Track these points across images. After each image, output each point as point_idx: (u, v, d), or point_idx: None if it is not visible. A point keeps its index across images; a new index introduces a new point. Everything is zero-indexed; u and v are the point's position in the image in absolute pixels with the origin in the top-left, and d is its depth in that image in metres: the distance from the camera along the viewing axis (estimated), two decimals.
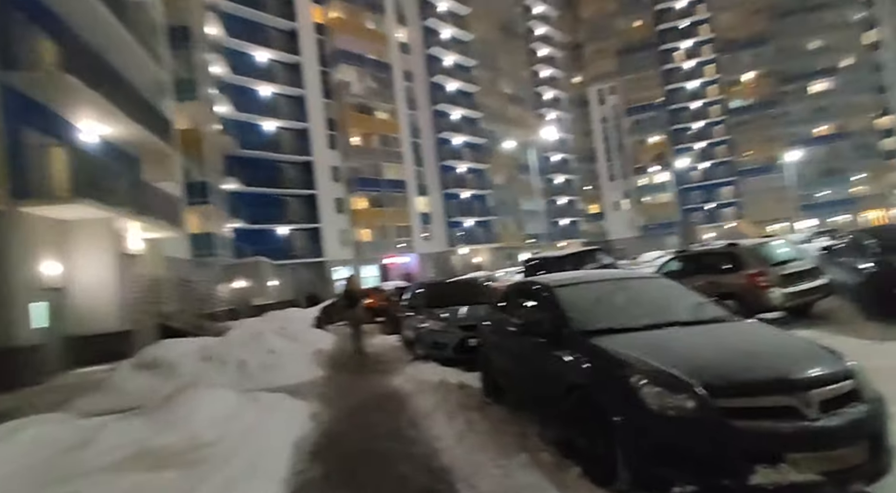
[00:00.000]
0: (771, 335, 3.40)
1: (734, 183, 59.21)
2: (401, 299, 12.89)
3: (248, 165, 31.33)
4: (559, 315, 3.68)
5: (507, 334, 4.51)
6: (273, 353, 7.63)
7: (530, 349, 3.92)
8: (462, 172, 44.88)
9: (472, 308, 7.26)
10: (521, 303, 4.64)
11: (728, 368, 2.81)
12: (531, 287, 4.57)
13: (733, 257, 7.22)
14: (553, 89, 58.16)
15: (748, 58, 58.73)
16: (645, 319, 3.51)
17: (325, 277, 34.71)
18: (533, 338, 3.85)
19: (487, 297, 7.93)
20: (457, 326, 6.86)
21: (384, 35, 40.25)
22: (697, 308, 3.77)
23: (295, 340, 9.27)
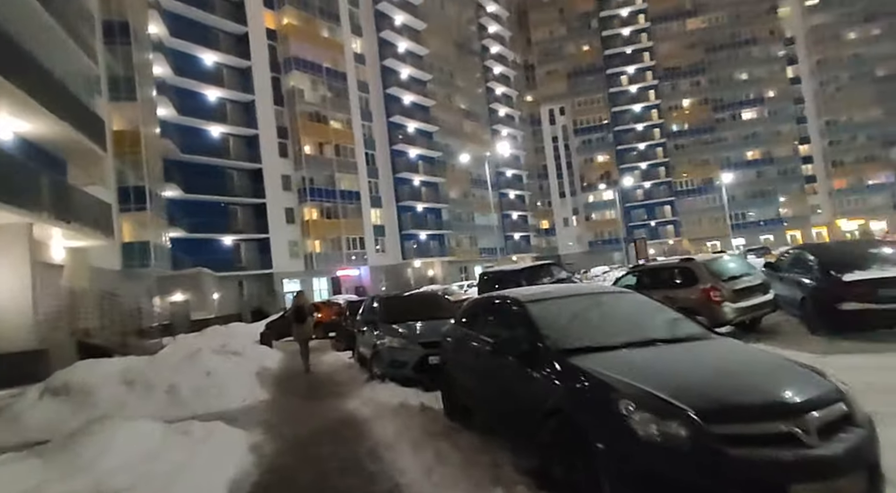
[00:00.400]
0: (753, 355, 3.25)
1: (673, 202, 62.41)
2: (354, 313, 12.30)
3: (191, 171, 29.66)
4: (533, 333, 3.41)
5: (474, 352, 4.18)
6: (210, 374, 6.76)
7: (502, 369, 3.60)
8: (417, 184, 44.65)
9: (433, 324, 6.84)
10: (488, 319, 4.34)
11: (719, 391, 2.60)
12: (499, 302, 4.26)
13: (688, 272, 7.28)
14: (506, 107, 59.38)
15: (686, 85, 62.55)
16: (623, 336, 3.30)
17: (272, 290, 33.22)
18: (504, 357, 3.54)
19: (448, 311, 7.55)
20: (417, 342, 6.38)
21: (339, 44, 39.69)
22: (673, 325, 3.60)
23: (237, 358, 8.45)
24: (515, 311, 3.82)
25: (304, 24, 37.41)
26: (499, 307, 4.23)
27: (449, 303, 8.22)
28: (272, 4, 36.51)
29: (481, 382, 4.05)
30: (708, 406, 2.45)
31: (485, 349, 3.93)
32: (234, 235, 32.46)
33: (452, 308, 7.62)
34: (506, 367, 3.51)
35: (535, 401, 3.09)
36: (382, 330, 7.04)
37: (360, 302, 13.84)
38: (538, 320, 3.49)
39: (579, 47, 65.19)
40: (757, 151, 60.74)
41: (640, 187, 62.41)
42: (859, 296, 5.93)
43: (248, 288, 32.73)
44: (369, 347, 7.43)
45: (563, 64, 65.18)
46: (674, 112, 62.78)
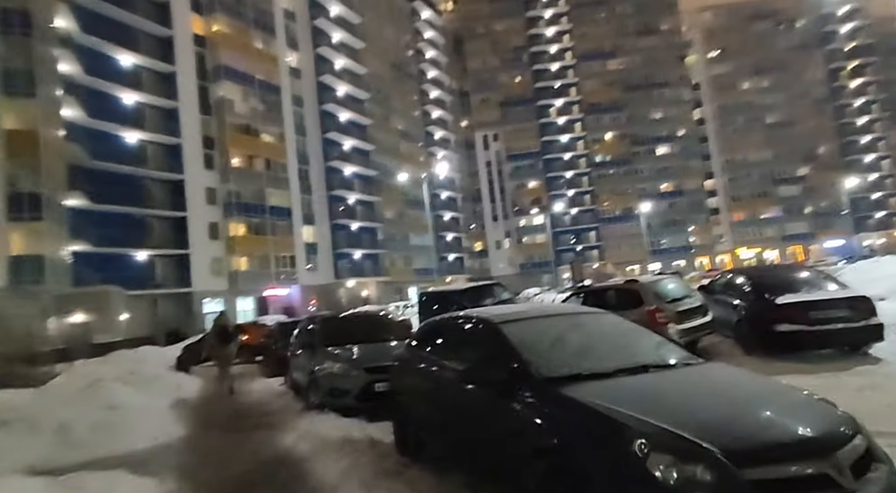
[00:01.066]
0: (759, 383, 2.96)
1: (597, 228, 66.02)
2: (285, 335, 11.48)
3: (101, 180, 26.97)
4: (512, 359, 3.02)
5: (434, 379, 3.84)
6: (114, 409, 5.75)
7: (471, 401, 3.27)
8: (352, 203, 43.76)
9: (379, 347, 6.41)
10: (451, 342, 3.98)
11: (742, 427, 2.28)
12: (465, 323, 3.89)
13: (633, 294, 7.46)
14: (442, 130, 60.38)
15: (607, 120, 67.10)
16: (611, 362, 2.98)
17: (191, 310, 30.70)
18: (475, 386, 3.21)
19: (396, 333, 7.15)
20: (361, 368, 5.89)
21: (273, 57, 38.51)
22: (659, 349, 3.33)
23: (148, 387, 7.43)
24: (487, 333, 3.44)
25: (237, 34, 35.96)
26: (465, 329, 3.84)
27: (396, 324, 7.75)
28: (201, 10, 34.79)
29: (444, 414, 3.70)
30: (735, 446, 2.14)
31: (448, 377, 3.59)
32: (150, 250, 29.80)
33: (400, 329, 7.23)
34: (476, 398, 3.18)
35: (517, 438, 2.75)
36: (321, 354, 6.48)
37: (293, 324, 13.01)
38: (517, 345, 3.11)
39: (512, 78, 68.05)
40: (670, 184, 65.98)
41: (568, 213, 65.43)
42: (792, 318, 6.32)
43: (163, 308, 30.00)
44: (306, 373, 6.82)
45: (497, 93, 67.67)
46: (597, 144, 66.90)
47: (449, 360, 3.75)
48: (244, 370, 12.73)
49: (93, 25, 27.56)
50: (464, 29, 68.26)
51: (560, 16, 67.41)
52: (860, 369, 5.88)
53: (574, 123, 66.87)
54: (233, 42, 35.41)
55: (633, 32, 66.20)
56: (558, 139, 66.82)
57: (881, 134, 64.02)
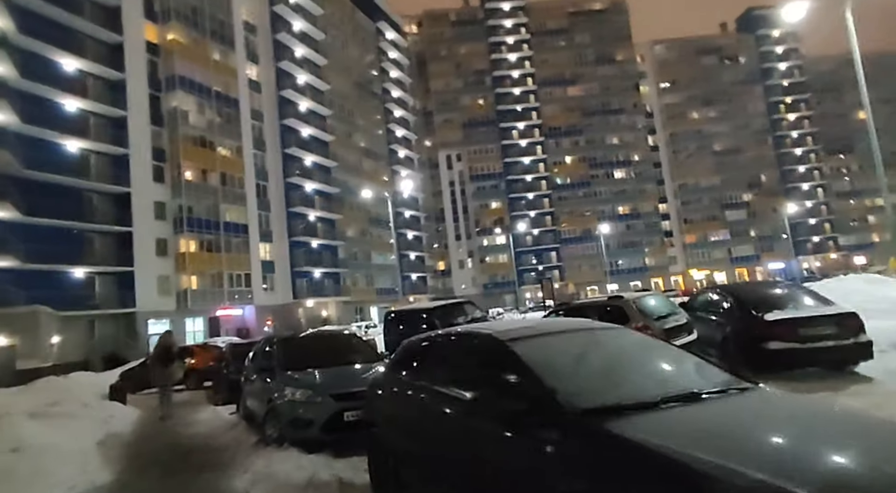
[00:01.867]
0: (836, 412, 2.47)
1: (558, 249, 67.03)
2: (239, 358, 10.46)
3: (35, 190, 24.89)
4: (533, 386, 2.40)
5: (421, 408, 3.22)
6: (19, 451, 4.65)
7: (475, 436, 2.65)
8: (312, 220, 42.45)
9: (348, 370, 5.69)
10: (445, 365, 3.34)
11: (845, 476, 1.77)
12: (460, 342, 3.32)
13: (618, 311, 7.09)
14: (406, 149, 60.17)
15: (567, 144, 68.98)
16: (653, 388, 2.38)
17: (135, 331, 28.45)
18: (480, 419, 2.61)
19: (366, 354, 6.40)
20: (327, 394, 5.13)
21: (232, 69, 37.33)
22: (701, 370, 2.77)
23: (71, 423, 6.30)
24: (494, 353, 2.82)
25: (192, 44, 34.66)
26: (462, 349, 3.26)
27: (363, 345, 6.96)
28: (155, 17, 33.38)
29: (434, 450, 3.08)
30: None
31: (440, 406, 2.99)
32: (88, 267, 27.54)
33: (368, 351, 6.49)
34: (480, 432, 2.58)
35: (543, 485, 2.14)
36: (281, 379, 5.65)
37: (247, 346, 11.96)
38: (535, 367, 2.48)
39: (474, 100, 69.13)
40: (626, 207, 68.10)
41: (530, 234, 66.16)
42: (782, 335, 6.09)
43: (101, 330, 27.69)
44: (262, 401, 5.94)
45: (460, 114, 68.48)
46: (557, 167, 68.49)
47: (441, 385, 3.13)
48: (190, 397, 11.53)
49: (31, 26, 25.75)
50: (427, 51, 69.07)
51: (521, 42, 69.40)
52: (856, 388, 5.67)
53: (535, 146, 68.30)
54: (188, 52, 34.08)
55: (591, 61, 68.91)
56: (520, 161, 67.96)
57: (816, 164, 68.77)
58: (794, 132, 69.63)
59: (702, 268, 67.39)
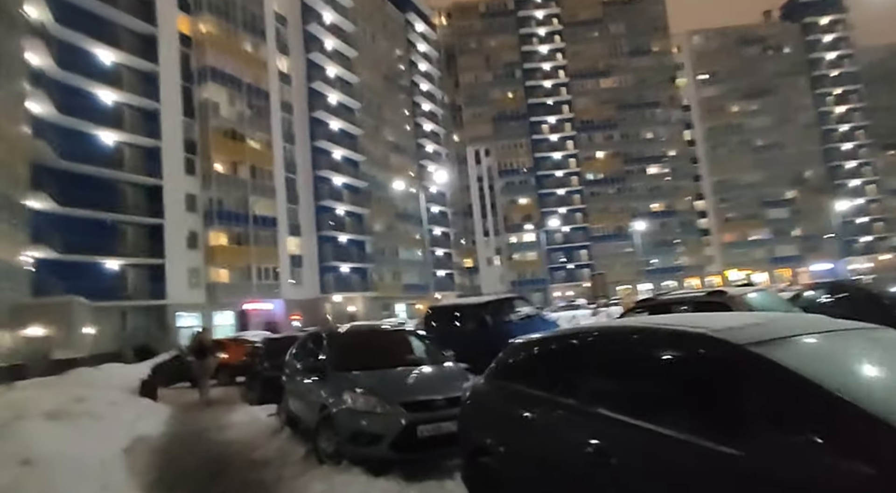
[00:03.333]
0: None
1: (589, 247, 65.17)
2: (274, 354, 9.69)
3: (71, 182, 24.90)
4: (833, 412, 1.45)
5: (565, 436, 2.22)
6: (30, 464, 3.73)
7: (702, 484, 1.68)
8: (340, 214, 41.98)
9: (412, 373, 4.81)
10: (609, 378, 2.32)
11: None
12: (650, 345, 2.24)
13: (720, 308, 5.96)
14: (434, 144, 59.26)
15: (600, 138, 66.94)
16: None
17: (165, 324, 28.36)
18: (697, 456, 1.67)
19: (429, 353, 5.45)
20: (397, 403, 4.19)
21: (262, 61, 37.03)
22: None
23: (95, 424, 5.52)
24: (730, 364, 1.81)
25: (224, 35, 34.45)
26: (653, 355, 2.19)
27: (427, 342, 5.93)
28: (188, 8, 33.25)
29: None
30: None
31: (643, 449, 1.96)
32: (121, 259, 27.55)
33: (433, 349, 5.51)
34: (710, 478, 1.63)
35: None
36: (336, 382, 4.73)
37: (284, 340, 11.21)
38: (831, 384, 1.50)
39: (504, 94, 67.71)
40: (661, 204, 65.70)
41: (560, 231, 64.53)
42: None
43: (133, 321, 27.68)
44: (311, 406, 5.05)
45: (489, 108, 67.17)
46: (589, 162, 66.54)
47: (621, 412, 2.11)
48: (223, 394, 10.84)
49: (69, 17, 25.78)
50: (457, 43, 67.93)
51: (553, 34, 67.62)
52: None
53: (567, 141, 66.53)
54: (220, 43, 33.87)
55: (625, 52, 66.65)
56: (551, 156, 66.31)
57: (866, 159, 64.97)
58: (843, 126, 65.92)
59: (741, 268, 64.49)
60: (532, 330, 10.14)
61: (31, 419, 4.75)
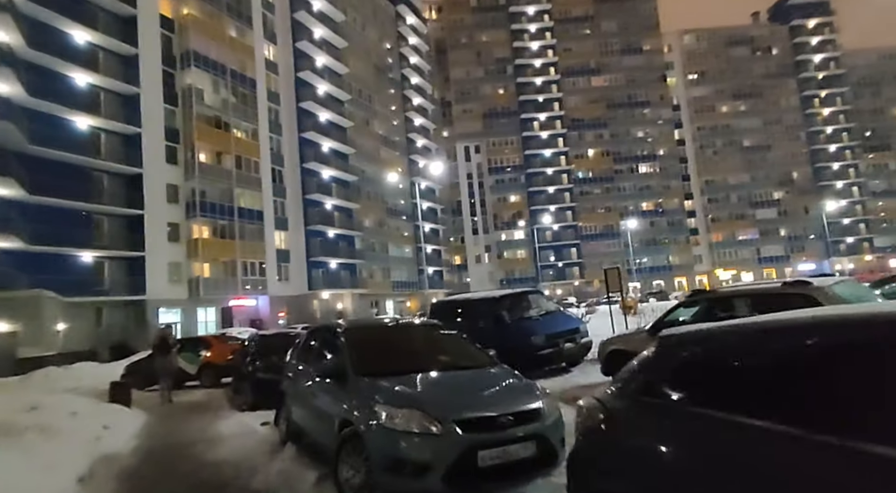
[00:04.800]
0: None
1: (579, 245, 64.81)
2: (266, 353, 8.60)
3: (41, 168, 23.27)
4: None
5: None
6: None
7: None
8: (329, 208, 40.65)
9: (458, 379, 3.80)
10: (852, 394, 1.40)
11: None
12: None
13: (803, 301, 5.10)
14: (424, 138, 58.12)
15: (590, 136, 66.61)
16: None
17: (145, 321, 26.83)
18: None
19: (470, 354, 4.37)
20: (450, 420, 3.13)
21: (249, 47, 35.53)
22: None
23: (42, 444, 4.31)
24: None
25: (209, 19, 32.90)
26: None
27: (462, 341, 4.69)
28: None
29: None
30: None
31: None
32: (97, 252, 25.95)
33: (473, 349, 4.42)
34: None
35: None
36: (361, 391, 3.65)
37: (277, 337, 10.12)
38: None
39: (495, 90, 66.94)
40: (650, 203, 65.68)
41: (550, 229, 64.01)
42: None
43: (109, 318, 26.11)
44: (327, 421, 3.89)
45: (479, 104, 66.35)
46: (580, 160, 66.16)
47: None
48: (207, 397, 9.71)
49: None
50: (448, 38, 66.95)
51: (545, 30, 67.05)
52: None
53: (557, 138, 66.04)
54: (204, 27, 32.32)
55: (616, 50, 66.41)
56: (541, 153, 65.76)
57: (851, 161, 65.75)
58: (828, 128, 66.64)
59: (728, 267, 64.87)
60: (555, 328, 9.23)
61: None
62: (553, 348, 8.62)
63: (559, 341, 8.74)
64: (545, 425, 3.23)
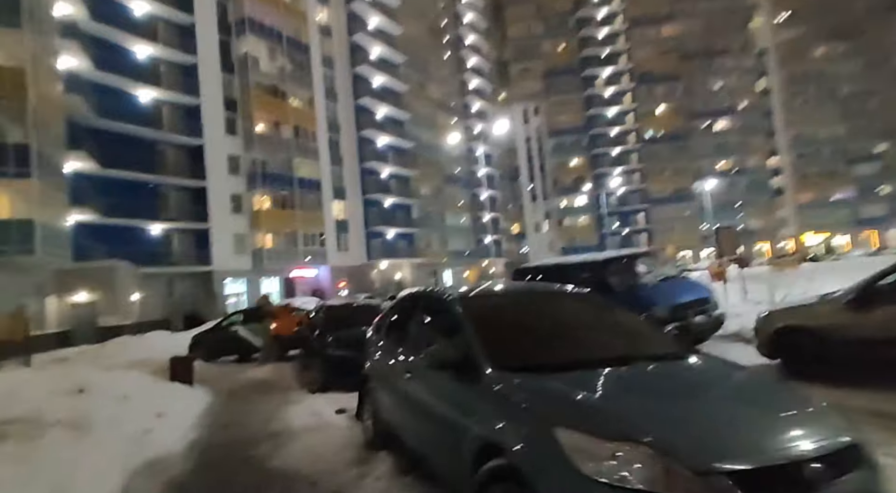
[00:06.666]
0: None
1: (647, 210, 60.71)
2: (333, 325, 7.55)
3: (110, 141, 23.60)
4: None
5: None
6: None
7: None
8: (385, 176, 39.76)
9: (687, 381, 2.29)
10: None
11: None
12: None
13: None
14: (480, 101, 55.58)
15: (661, 91, 61.24)
16: None
17: (212, 291, 27.33)
18: None
19: (653, 338, 2.86)
20: (715, 472, 1.56)
21: (302, 12, 34.43)
22: None
23: (69, 443, 3.21)
24: None
25: None
26: None
27: (634, 318, 3.11)
28: None
29: None
30: None
31: None
32: (166, 223, 26.42)
33: (656, 332, 2.84)
34: None
35: None
36: (514, 397, 2.17)
37: (344, 308, 9.11)
38: None
39: (555, 46, 62.72)
40: (728, 162, 60.11)
41: (614, 193, 60.27)
42: None
43: (179, 288, 26.74)
44: (449, 438, 2.52)
45: (539, 62, 62.50)
46: (648, 118, 61.28)
47: None
48: (273, 373, 8.89)
49: None
50: None
51: None
52: None
53: (623, 95, 61.34)
54: None
55: None
56: (605, 113, 61.47)
57: None
58: None
59: (819, 231, 58.59)
60: (681, 297, 7.48)
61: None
62: (680, 321, 6.92)
63: (687, 314, 7.04)
64: (873, 475, 1.70)
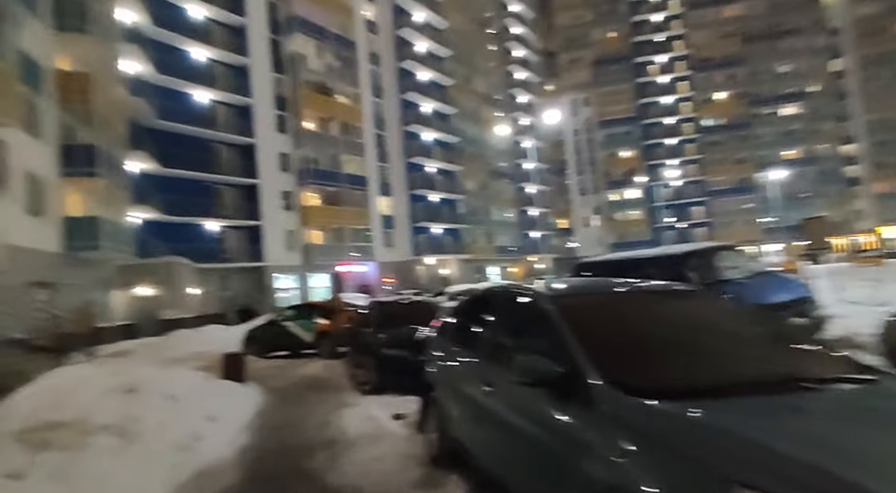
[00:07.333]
0: None
1: (705, 203, 57.54)
2: (385, 322, 7.18)
3: (169, 142, 24.49)
4: None
5: None
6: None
7: None
8: (431, 172, 39.49)
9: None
10: None
11: None
12: None
13: None
14: (527, 94, 54.28)
15: (721, 77, 57.76)
16: None
17: (263, 286, 27.96)
18: None
19: (822, 357, 2.17)
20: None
21: (348, 7, 34.58)
22: None
23: (105, 455, 2.94)
24: None
25: None
26: None
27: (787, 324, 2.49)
28: None
29: None
30: None
31: None
32: (221, 221, 27.23)
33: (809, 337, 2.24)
34: None
35: None
36: (658, 433, 1.59)
37: (395, 305, 8.75)
38: None
39: (606, 34, 60.37)
40: (796, 150, 55.92)
41: (668, 186, 57.46)
42: None
43: (233, 283, 27.52)
44: (556, 477, 1.95)
45: (588, 51, 60.37)
46: (707, 106, 57.94)
47: None
48: (324, 371, 8.66)
49: None
50: None
51: None
52: None
53: (679, 83, 58.31)
54: None
55: None
56: (659, 101, 58.65)
57: None
58: None
59: None
60: (775, 296, 6.58)
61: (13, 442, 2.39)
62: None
63: (783, 315, 6.15)
64: None
